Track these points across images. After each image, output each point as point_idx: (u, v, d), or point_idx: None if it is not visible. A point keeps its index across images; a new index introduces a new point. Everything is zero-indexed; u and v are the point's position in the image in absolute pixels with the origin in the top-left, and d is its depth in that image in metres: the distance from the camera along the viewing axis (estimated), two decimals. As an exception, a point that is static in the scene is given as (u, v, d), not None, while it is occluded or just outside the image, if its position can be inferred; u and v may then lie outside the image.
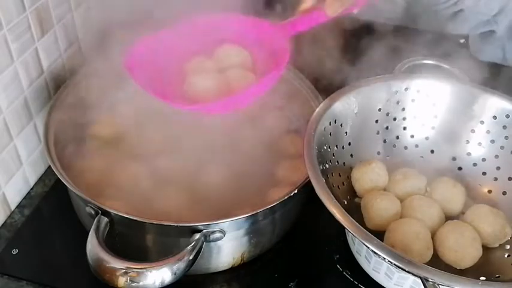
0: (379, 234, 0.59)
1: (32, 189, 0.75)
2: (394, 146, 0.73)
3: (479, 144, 0.70)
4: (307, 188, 0.59)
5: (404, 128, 0.73)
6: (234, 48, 0.69)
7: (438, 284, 0.49)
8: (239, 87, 0.64)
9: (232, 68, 0.67)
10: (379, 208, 0.63)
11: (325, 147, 0.64)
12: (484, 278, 0.59)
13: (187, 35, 0.68)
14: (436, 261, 0.61)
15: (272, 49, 0.67)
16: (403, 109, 0.72)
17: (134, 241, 0.62)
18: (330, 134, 0.66)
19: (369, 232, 0.53)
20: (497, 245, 0.64)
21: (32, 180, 0.75)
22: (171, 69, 0.68)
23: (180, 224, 0.57)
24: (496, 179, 0.69)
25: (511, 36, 0.80)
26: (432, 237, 0.62)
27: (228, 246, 0.63)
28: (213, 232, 0.58)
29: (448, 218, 0.65)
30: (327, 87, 0.72)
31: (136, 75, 0.63)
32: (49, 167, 0.76)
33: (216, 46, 0.70)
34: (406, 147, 0.73)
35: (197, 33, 0.69)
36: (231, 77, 0.66)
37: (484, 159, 0.70)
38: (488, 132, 0.69)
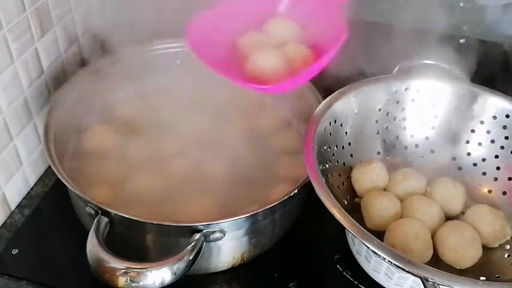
0: (379, 234, 0.59)
1: (32, 189, 0.75)
2: (394, 146, 0.73)
3: (479, 144, 0.70)
4: (307, 188, 0.59)
5: (404, 128, 0.73)
6: (285, 21, 0.68)
7: (438, 284, 0.49)
8: (300, 64, 0.63)
9: (287, 42, 0.66)
10: (379, 208, 0.63)
11: (325, 147, 0.64)
12: (484, 278, 0.59)
13: (237, 10, 0.66)
14: (436, 261, 0.61)
15: (324, 20, 0.65)
16: (403, 109, 0.72)
17: (134, 241, 0.62)
18: (330, 134, 0.66)
19: (369, 232, 0.53)
20: (497, 245, 0.64)
21: (32, 180, 0.75)
22: (226, 45, 0.66)
23: (180, 224, 0.57)
24: (496, 179, 0.69)
25: None
26: (432, 237, 0.62)
27: (228, 246, 0.63)
28: (213, 232, 0.58)
29: (448, 218, 0.65)
30: (327, 87, 0.72)
31: (199, 52, 0.61)
32: (49, 167, 0.76)
33: (266, 19, 0.68)
34: (406, 147, 0.73)
35: (246, 8, 0.67)
36: (291, 52, 0.65)
37: (484, 159, 0.70)
38: (488, 132, 0.70)
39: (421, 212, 0.63)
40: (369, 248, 0.51)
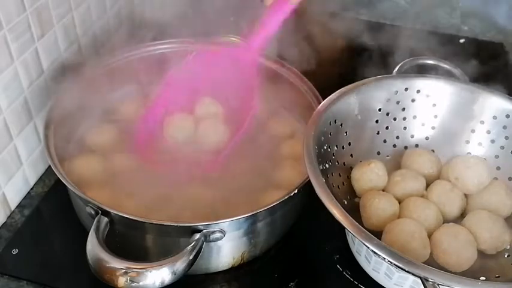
0: (376, 234, 0.59)
1: (32, 189, 0.75)
2: (394, 146, 0.73)
3: (479, 144, 0.70)
4: (307, 188, 0.59)
5: (405, 128, 0.73)
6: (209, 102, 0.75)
7: (438, 284, 0.49)
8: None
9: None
10: (377, 208, 0.63)
11: (325, 147, 0.64)
12: (484, 278, 0.59)
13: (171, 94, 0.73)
14: (435, 261, 0.61)
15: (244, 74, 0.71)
16: (403, 109, 0.72)
17: (134, 241, 0.62)
18: (330, 134, 0.66)
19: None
20: (494, 252, 0.63)
21: (32, 180, 0.75)
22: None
23: (180, 224, 0.57)
24: (496, 179, 0.69)
25: None
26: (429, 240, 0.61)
27: (228, 246, 0.63)
28: (213, 232, 0.58)
29: (448, 221, 0.65)
30: (327, 87, 0.72)
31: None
32: (49, 167, 0.76)
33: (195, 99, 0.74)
34: (406, 147, 0.73)
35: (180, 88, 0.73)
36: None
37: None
38: (488, 132, 0.69)
39: (417, 213, 0.63)
40: (369, 248, 0.51)
